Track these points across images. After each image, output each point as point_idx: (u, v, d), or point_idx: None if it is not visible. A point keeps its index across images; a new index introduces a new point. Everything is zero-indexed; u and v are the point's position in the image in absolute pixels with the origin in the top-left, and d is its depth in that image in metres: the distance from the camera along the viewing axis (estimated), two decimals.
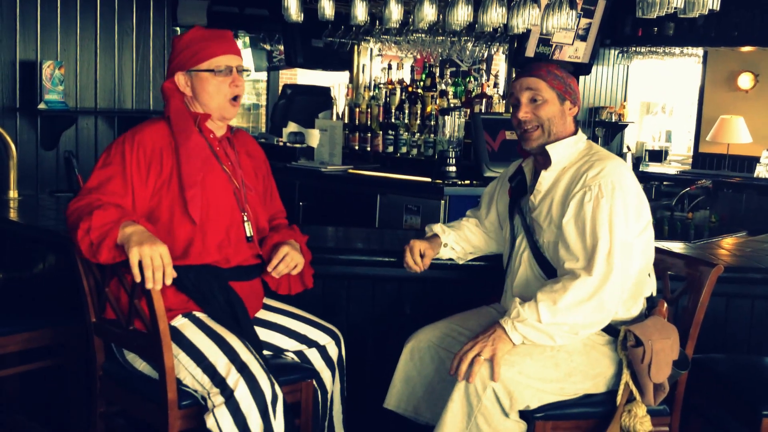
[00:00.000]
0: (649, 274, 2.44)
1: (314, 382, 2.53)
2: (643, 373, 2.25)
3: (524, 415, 2.27)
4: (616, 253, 2.24)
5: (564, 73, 2.45)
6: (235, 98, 2.46)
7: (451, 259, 2.76)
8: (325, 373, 2.57)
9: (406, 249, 2.65)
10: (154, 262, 2.10)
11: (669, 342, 2.27)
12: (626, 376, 2.29)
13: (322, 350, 2.57)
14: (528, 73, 2.45)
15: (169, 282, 2.15)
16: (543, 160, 2.46)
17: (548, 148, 2.42)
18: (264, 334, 2.52)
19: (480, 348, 2.23)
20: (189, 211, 2.32)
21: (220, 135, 2.51)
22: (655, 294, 2.46)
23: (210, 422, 2.16)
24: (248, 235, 2.48)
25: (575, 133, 2.46)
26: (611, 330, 2.34)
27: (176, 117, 2.40)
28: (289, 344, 2.54)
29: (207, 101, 2.43)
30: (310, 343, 2.56)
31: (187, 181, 2.34)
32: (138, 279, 2.11)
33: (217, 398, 2.17)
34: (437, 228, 2.76)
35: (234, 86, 2.44)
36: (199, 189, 2.36)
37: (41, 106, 4.45)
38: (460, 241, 2.74)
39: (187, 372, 2.24)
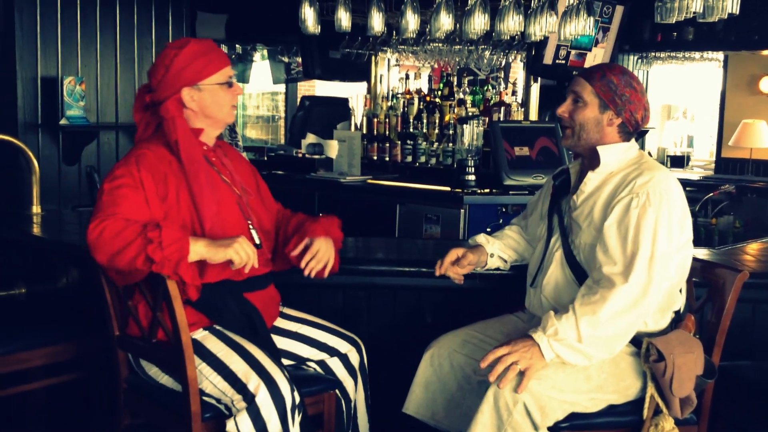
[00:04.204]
0: (680, 290, 2.40)
1: (337, 392, 2.53)
2: (665, 387, 2.22)
3: (550, 426, 2.24)
4: (657, 264, 2.20)
5: (623, 82, 2.35)
6: (233, 105, 2.50)
7: (498, 269, 2.75)
8: (348, 382, 2.57)
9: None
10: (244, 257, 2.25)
11: (692, 356, 2.23)
12: (651, 389, 2.26)
13: (344, 359, 2.57)
14: (584, 72, 2.42)
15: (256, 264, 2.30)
16: (591, 161, 2.43)
17: (599, 149, 2.38)
18: (285, 343, 2.52)
19: (518, 357, 2.18)
20: None
21: (212, 145, 2.51)
22: (683, 309, 2.42)
23: (230, 426, 2.16)
24: (257, 243, 2.49)
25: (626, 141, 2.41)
26: (637, 342, 2.31)
27: (185, 142, 2.35)
28: (310, 353, 2.54)
29: (216, 113, 2.43)
30: (332, 351, 2.56)
31: (205, 214, 2.33)
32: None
33: (239, 404, 2.18)
34: (481, 238, 2.74)
35: (235, 94, 2.47)
36: (218, 221, 2.36)
37: (63, 121, 4.49)
38: (506, 249, 2.73)
39: (209, 381, 2.25)
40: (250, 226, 2.49)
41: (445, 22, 4.15)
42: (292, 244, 2.54)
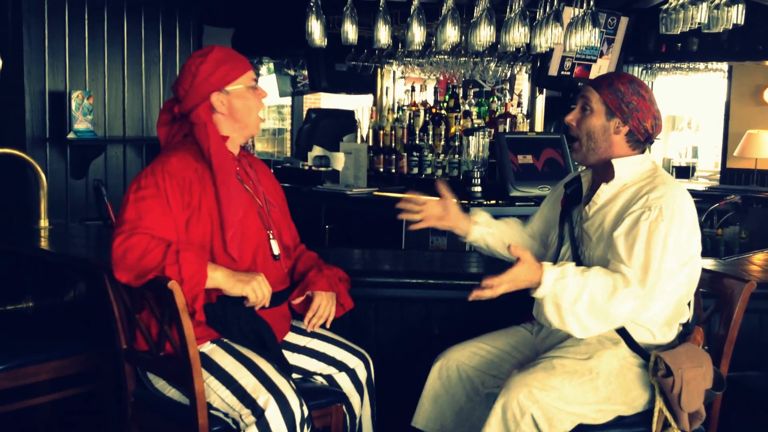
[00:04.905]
0: (689, 303, 2.40)
1: (343, 407, 2.53)
2: (674, 402, 2.21)
3: None
4: (663, 277, 2.21)
5: (631, 90, 2.34)
6: (260, 112, 2.52)
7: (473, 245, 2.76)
8: (354, 398, 2.56)
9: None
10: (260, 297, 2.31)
11: (701, 371, 2.22)
12: (659, 403, 2.24)
13: (352, 373, 2.56)
14: (593, 81, 2.43)
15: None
16: (604, 173, 2.42)
17: (614, 162, 2.37)
18: (293, 358, 2.52)
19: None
20: (229, 251, 2.35)
21: (237, 154, 2.52)
22: (690, 321, 2.42)
23: None
24: (275, 253, 2.49)
25: (639, 153, 2.40)
26: (644, 354, 2.30)
27: (217, 149, 2.38)
28: (318, 367, 2.54)
29: (244, 117, 2.45)
30: (340, 366, 2.55)
31: (228, 221, 2.35)
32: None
33: (248, 419, 2.18)
34: (475, 209, 2.77)
35: (260, 97, 2.49)
36: (239, 228, 2.37)
37: (70, 135, 4.52)
38: (492, 224, 2.73)
39: (216, 395, 2.25)
40: (270, 237, 2.50)
41: (450, 34, 4.16)
42: (294, 293, 2.56)
